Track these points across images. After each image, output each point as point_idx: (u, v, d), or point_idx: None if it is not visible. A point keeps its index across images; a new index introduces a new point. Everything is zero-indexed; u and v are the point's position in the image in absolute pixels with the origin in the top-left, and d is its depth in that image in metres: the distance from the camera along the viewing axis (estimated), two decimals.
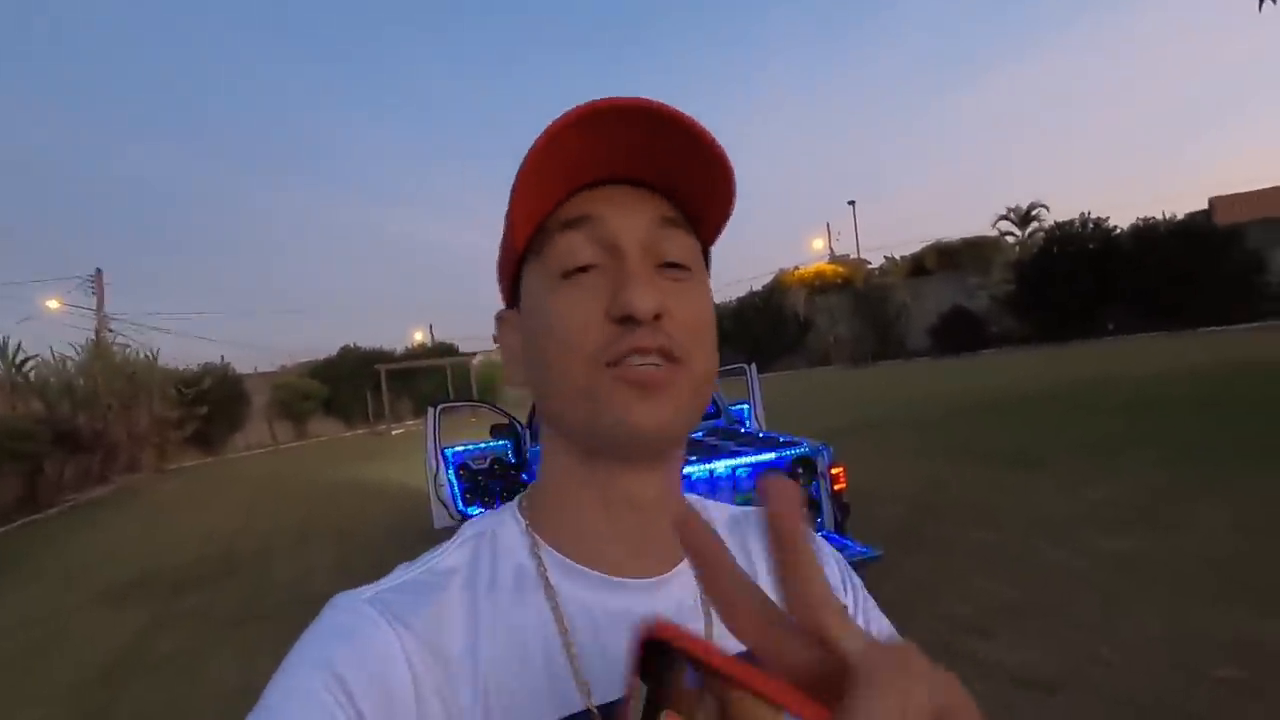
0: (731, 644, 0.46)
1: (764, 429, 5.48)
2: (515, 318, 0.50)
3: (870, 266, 35.82)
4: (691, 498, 0.55)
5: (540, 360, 0.45)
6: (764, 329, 28.65)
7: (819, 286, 30.78)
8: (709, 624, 0.47)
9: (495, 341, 0.53)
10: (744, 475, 3.95)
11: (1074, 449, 6.92)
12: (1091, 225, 23.61)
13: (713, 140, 0.42)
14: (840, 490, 4.04)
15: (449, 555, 0.47)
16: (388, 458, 14.25)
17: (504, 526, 0.49)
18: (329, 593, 0.46)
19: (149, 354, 20.18)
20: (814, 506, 4.04)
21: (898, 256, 34.42)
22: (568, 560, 0.46)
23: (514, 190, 0.43)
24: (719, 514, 0.56)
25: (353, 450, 17.83)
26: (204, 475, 16.83)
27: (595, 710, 0.42)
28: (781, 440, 4.31)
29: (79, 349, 18.56)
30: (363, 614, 0.42)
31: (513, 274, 0.49)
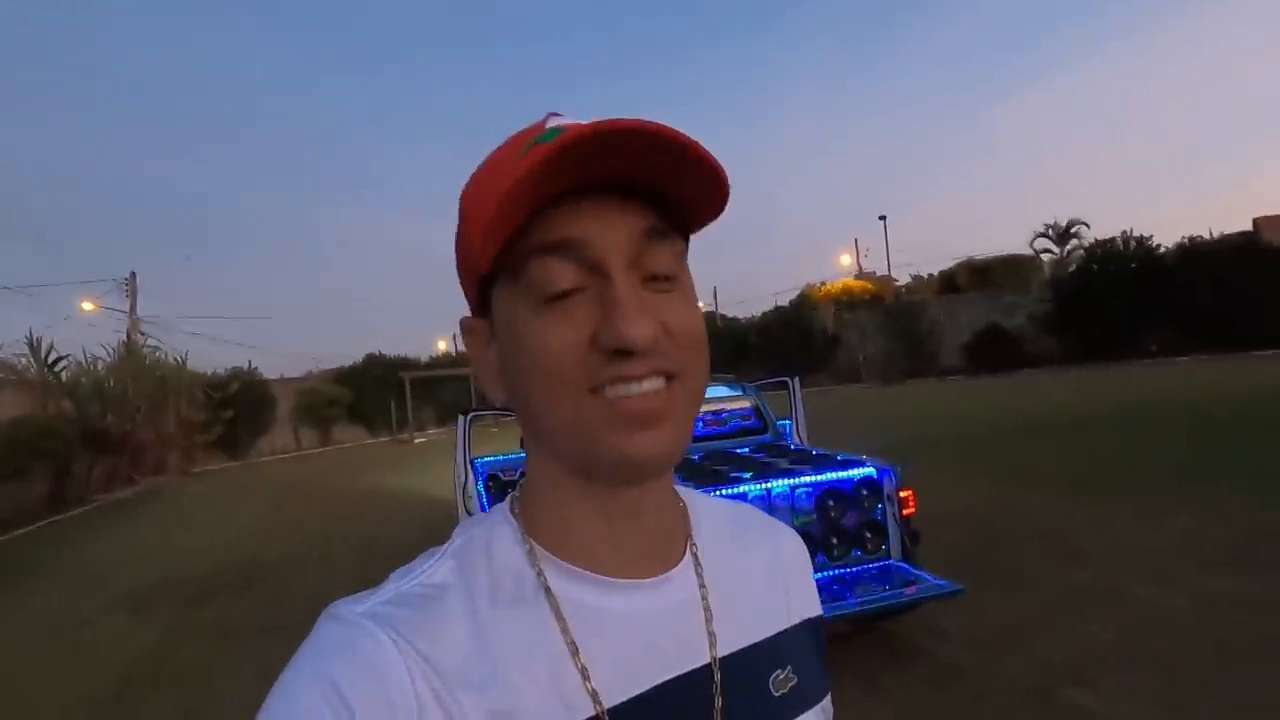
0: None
1: (807, 445, 5.14)
2: (485, 329, 0.46)
3: (898, 284, 35.26)
4: (683, 491, 0.53)
5: (524, 388, 0.43)
6: (792, 344, 28.14)
7: (847, 302, 30.29)
8: (710, 620, 0.47)
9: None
10: (804, 496, 3.63)
11: (1141, 475, 6.48)
12: (1134, 243, 22.92)
13: (704, 153, 0.39)
14: (910, 515, 3.69)
15: (443, 564, 0.45)
16: (411, 467, 14.07)
17: (497, 531, 0.47)
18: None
19: (178, 357, 20.34)
20: (879, 532, 3.70)
21: (925, 274, 33.88)
22: (566, 564, 0.45)
23: (470, 207, 0.42)
24: (713, 511, 0.55)
25: (376, 458, 17.72)
26: (228, 480, 16.80)
27: (606, 714, 0.42)
28: (841, 459, 3.97)
29: (110, 350, 18.74)
30: (362, 627, 0.40)
31: (478, 285, 0.45)
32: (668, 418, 0.41)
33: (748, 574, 0.53)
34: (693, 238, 0.47)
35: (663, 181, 0.41)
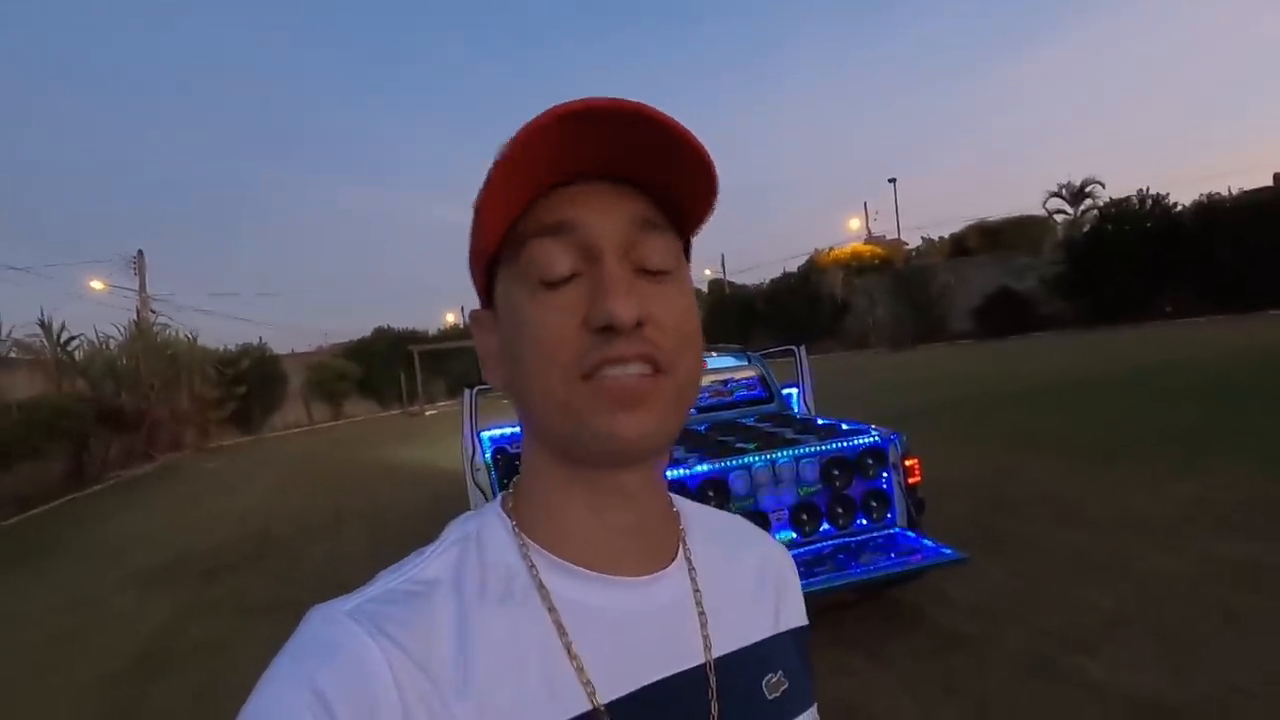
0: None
1: (813, 414, 5.11)
2: (490, 318, 0.48)
3: (908, 247, 34.80)
4: (677, 499, 0.53)
5: (519, 369, 0.44)
6: (800, 311, 27.92)
7: (856, 267, 29.95)
8: (705, 624, 0.47)
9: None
10: (809, 465, 3.60)
11: (1150, 439, 6.41)
12: (1151, 201, 22.39)
13: (692, 139, 0.41)
14: (915, 484, 3.66)
15: (433, 561, 0.45)
16: (421, 439, 14.18)
17: (489, 527, 0.47)
18: (362, 578, 0.44)
19: (189, 334, 20.45)
20: (884, 501, 3.68)
21: (936, 237, 33.39)
22: (558, 560, 0.45)
23: (484, 192, 0.41)
24: (704, 517, 0.55)
25: (387, 431, 17.88)
26: (243, 454, 17.02)
27: (603, 709, 0.41)
28: (846, 428, 3.94)
29: (121, 329, 18.86)
30: (344, 627, 0.40)
31: (485, 273, 0.47)
32: (652, 402, 0.41)
33: (738, 579, 0.53)
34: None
35: (653, 171, 0.42)
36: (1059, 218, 29.19)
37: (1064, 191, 29.19)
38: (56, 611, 5.41)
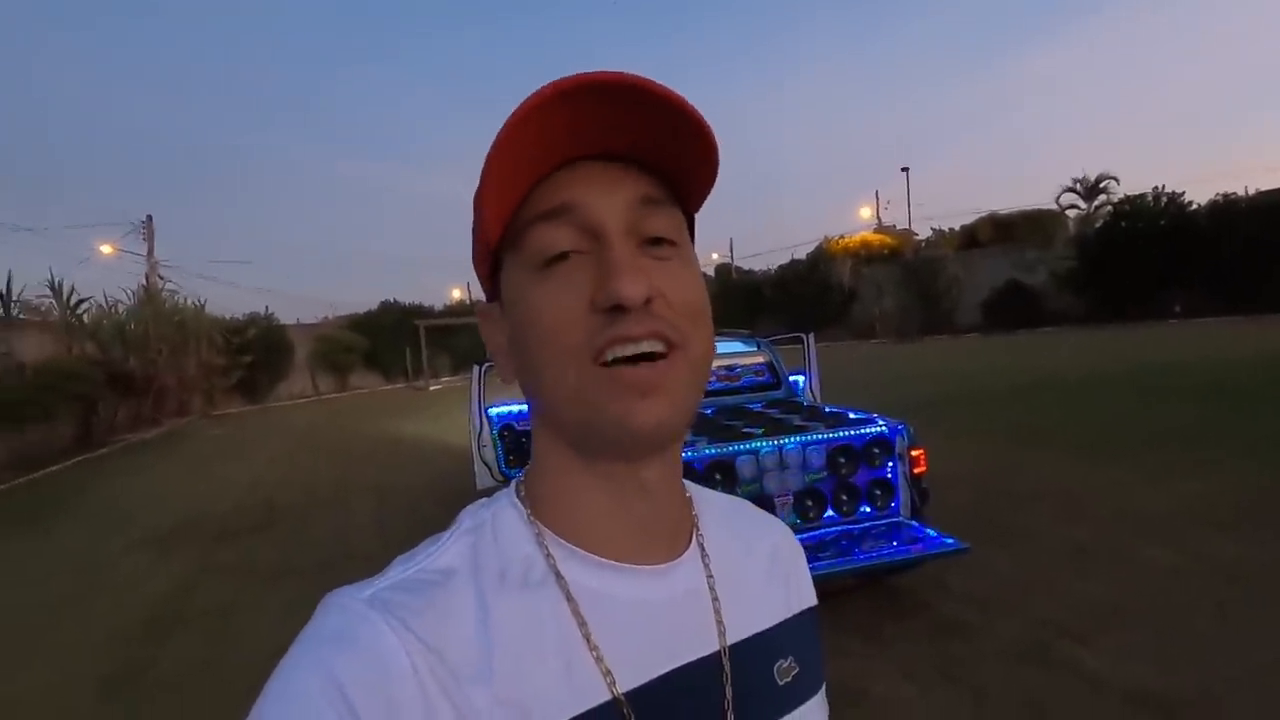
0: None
1: (820, 402, 5.14)
2: (497, 311, 0.47)
3: (918, 238, 34.60)
4: (689, 485, 0.53)
5: (528, 359, 0.43)
6: (808, 299, 27.86)
7: (865, 256, 29.81)
8: (718, 608, 0.47)
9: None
10: (815, 452, 3.64)
11: (1154, 437, 6.43)
12: (1165, 199, 22.20)
13: (693, 111, 0.40)
14: (920, 474, 3.70)
15: (449, 549, 0.44)
16: (427, 414, 14.27)
17: (504, 516, 0.46)
18: (368, 550, 0.40)
19: (197, 301, 20.54)
20: (889, 490, 3.72)
21: (946, 229, 33.18)
22: (576, 549, 0.45)
23: (482, 183, 0.41)
24: (714, 503, 0.55)
25: (392, 404, 17.98)
26: (249, 423, 17.15)
27: (622, 698, 0.41)
28: (854, 417, 3.97)
29: (130, 294, 18.95)
30: (363, 615, 0.39)
31: (490, 265, 0.46)
32: (666, 388, 0.41)
33: (750, 565, 0.53)
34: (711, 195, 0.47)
35: (653, 145, 0.42)
36: (1072, 213, 28.99)
37: (1078, 186, 28.94)
38: (67, 572, 5.51)
